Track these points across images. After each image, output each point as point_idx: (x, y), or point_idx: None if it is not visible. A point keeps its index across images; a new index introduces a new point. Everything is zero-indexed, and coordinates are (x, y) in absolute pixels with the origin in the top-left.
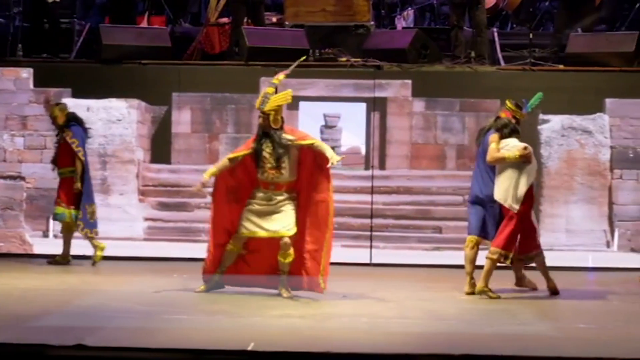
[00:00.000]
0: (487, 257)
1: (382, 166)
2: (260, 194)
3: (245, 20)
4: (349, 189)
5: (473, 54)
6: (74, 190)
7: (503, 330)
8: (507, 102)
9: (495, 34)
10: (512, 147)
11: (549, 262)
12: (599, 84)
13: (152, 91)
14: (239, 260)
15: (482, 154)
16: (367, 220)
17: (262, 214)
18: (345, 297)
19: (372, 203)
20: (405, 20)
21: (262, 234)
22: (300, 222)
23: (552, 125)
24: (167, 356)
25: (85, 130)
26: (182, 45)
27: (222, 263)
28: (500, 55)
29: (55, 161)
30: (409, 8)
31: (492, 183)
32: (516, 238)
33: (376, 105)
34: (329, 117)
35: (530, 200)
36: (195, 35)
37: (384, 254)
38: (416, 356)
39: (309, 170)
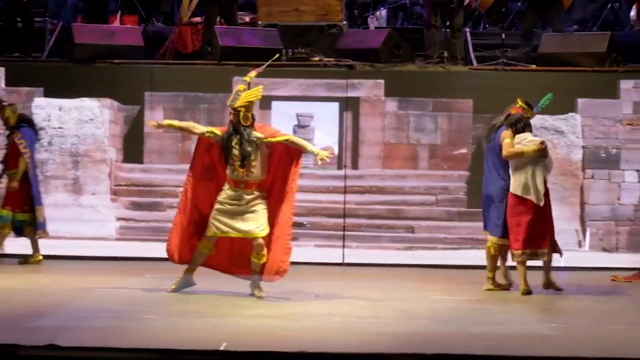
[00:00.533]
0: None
1: (354, 166)
2: (230, 193)
3: (218, 19)
4: (321, 189)
5: (446, 54)
6: (9, 189)
7: (475, 330)
8: (519, 100)
9: (468, 34)
10: (528, 141)
11: None
12: (570, 84)
13: (124, 90)
14: (208, 258)
15: (493, 151)
16: (340, 220)
17: (233, 214)
18: (318, 296)
19: (344, 203)
20: (377, 20)
21: (233, 234)
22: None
23: None
24: (139, 356)
25: (36, 132)
26: (154, 44)
27: (192, 262)
28: (472, 55)
29: (5, 162)
30: (382, 8)
31: (501, 180)
32: (552, 231)
33: (349, 105)
34: (301, 117)
35: (547, 193)
36: (168, 35)
37: (356, 253)
38: (389, 355)
39: (280, 167)
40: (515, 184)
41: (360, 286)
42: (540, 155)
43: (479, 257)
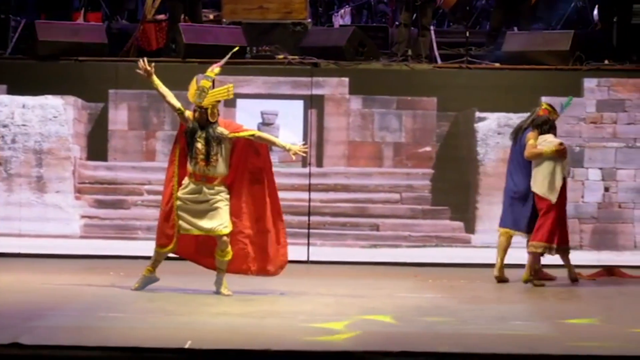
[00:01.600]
0: (530, 252)
1: (319, 163)
2: (190, 187)
3: (182, 17)
4: (286, 186)
5: (410, 52)
6: None
7: (439, 328)
8: (543, 103)
9: (432, 32)
10: (548, 142)
11: (487, 260)
12: (535, 82)
13: (88, 88)
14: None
15: (519, 151)
16: (305, 218)
17: (196, 212)
18: (283, 294)
19: (309, 200)
20: (342, 18)
21: (196, 232)
22: (241, 211)
23: (488, 123)
24: (104, 354)
25: None
26: (118, 41)
27: (155, 258)
28: (437, 53)
29: None
30: (346, 6)
31: (526, 178)
32: (557, 229)
33: (313, 103)
34: (266, 115)
35: (564, 192)
36: (132, 32)
37: (321, 251)
38: (354, 353)
39: (241, 162)
40: (535, 182)
41: (325, 284)
42: (559, 156)
43: (443, 254)
